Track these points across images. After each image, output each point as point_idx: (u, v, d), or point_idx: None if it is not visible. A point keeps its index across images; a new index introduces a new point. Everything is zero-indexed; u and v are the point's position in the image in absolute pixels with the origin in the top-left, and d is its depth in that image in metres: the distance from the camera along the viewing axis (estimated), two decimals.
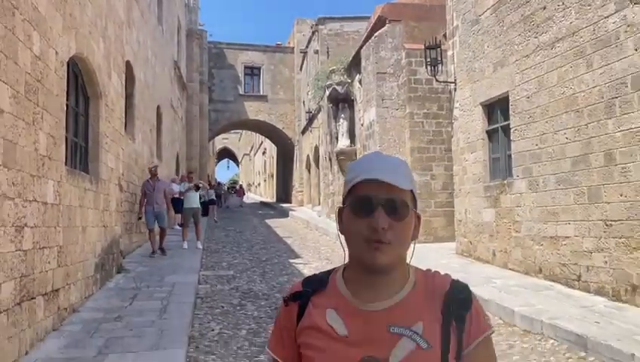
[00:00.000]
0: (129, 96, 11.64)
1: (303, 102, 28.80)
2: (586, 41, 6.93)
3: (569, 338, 5.27)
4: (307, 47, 28.06)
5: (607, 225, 6.57)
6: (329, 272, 1.22)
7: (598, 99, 6.74)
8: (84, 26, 6.68)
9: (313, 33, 26.39)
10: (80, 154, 7.28)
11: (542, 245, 7.88)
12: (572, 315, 5.83)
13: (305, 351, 1.10)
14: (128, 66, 11.23)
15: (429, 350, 1.03)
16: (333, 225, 17.73)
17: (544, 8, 7.78)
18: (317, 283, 1.18)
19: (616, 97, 6.41)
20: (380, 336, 1.04)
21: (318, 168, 23.80)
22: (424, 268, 1.22)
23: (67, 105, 6.35)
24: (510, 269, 8.73)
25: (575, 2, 7.14)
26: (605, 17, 6.58)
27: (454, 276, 1.19)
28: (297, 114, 30.88)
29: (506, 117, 8.99)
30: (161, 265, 9.71)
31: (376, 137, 13.73)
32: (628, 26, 6.23)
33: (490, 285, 7.53)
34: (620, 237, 6.36)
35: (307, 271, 10.05)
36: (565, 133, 7.33)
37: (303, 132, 28.25)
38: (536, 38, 7.99)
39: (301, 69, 30.24)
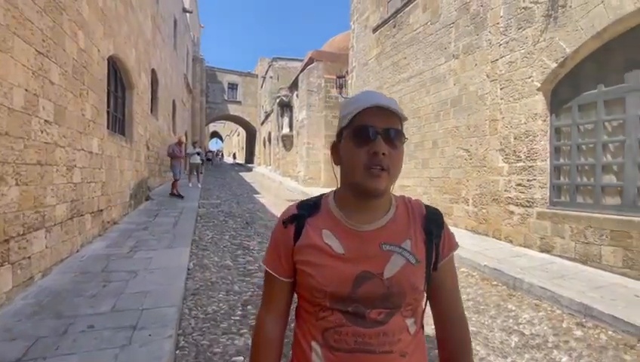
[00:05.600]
0: (154, 92, 10.11)
1: (262, 106, 27.17)
2: (427, 78, 6.75)
3: None
4: (266, 74, 26.25)
5: (430, 180, 6.62)
6: (319, 197, 0.73)
7: (431, 111, 6.64)
8: (121, 37, 5.43)
9: (269, 66, 24.69)
10: (119, 123, 6.10)
11: (396, 191, 7.87)
12: None
13: (303, 267, 0.64)
14: (154, 72, 9.68)
15: (417, 265, 0.62)
16: (279, 177, 17.15)
17: (405, 58, 7.50)
18: (312, 207, 0.70)
19: (441, 111, 6.34)
20: (373, 253, 0.63)
21: (270, 144, 22.79)
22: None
23: (109, 90, 5.21)
24: None
25: (422, 56, 6.91)
26: (439, 65, 6.41)
27: None
28: (258, 113, 29.12)
29: None
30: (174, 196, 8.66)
31: (305, 127, 13.14)
32: (451, 70, 6.10)
33: None
34: (437, 186, 6.44)
35: (264, 201, 9.47)
36: (412, 130, 7.23)
37: (262, 124, 26.83)
38: (399, 75, 7.72)
39: (261, 87, 28.36)
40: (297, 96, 15.06)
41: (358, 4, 9.92)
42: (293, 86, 16.08)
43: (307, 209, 0.71)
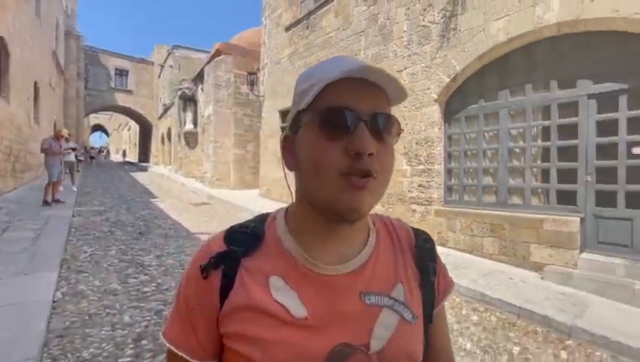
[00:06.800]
0: (3, 68, 7.78)
1: (160, 98, 24.21)
2: None
3: None
4: (165, 62, 23.45)
5: None
6: (261, 220, 0.44)
7: None
8: None
9: (169, 54, 22.16)
10: None
11: None
12: None
13: (236, 345, 0.32)
14: (2, 41, 7.44)
15: (415, 322, 0.38)
16: (181, 178, 15.42)
17: (318, 61, 7.57)
18: (249, 239, 0.40)
19: None
20: (352, 311, 0.35)
21: (170, 142, 20.45)
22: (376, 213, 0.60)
23: None
24: (285, 202, 8.53)
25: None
26: None
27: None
28: (156, 106, 25.85)
29: None
30: (37, 203, 6.80)
31: (212, 124, 12.12)
32: None
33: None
34: None
35: (164, 206, 8.29)
36: None
37: (160, 118, 23.87)
38: None
39: (159, 77, 25.26)
40: (203, 90, 13.84)
41: None
42: (198, 78, 14.73)
43: (242, 241, 0.42)
